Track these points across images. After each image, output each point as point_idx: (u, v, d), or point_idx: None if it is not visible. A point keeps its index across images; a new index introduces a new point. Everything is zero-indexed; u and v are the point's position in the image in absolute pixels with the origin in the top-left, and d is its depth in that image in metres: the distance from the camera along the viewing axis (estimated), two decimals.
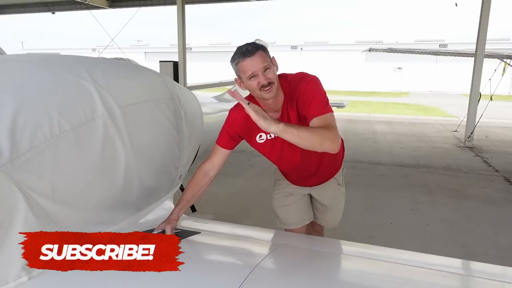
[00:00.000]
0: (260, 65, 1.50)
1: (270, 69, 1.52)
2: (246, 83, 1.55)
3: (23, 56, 1.61)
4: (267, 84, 1.51)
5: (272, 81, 1.53)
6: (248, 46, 1.52)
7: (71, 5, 13.06)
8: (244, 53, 1.50)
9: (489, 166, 6.21)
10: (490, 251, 3.20)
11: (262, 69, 1.50)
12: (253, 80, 1.52)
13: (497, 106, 11.74)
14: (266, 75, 1.51)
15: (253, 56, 1.50)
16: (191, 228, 1.64)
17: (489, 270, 1.40)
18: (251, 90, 1.57)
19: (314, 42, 35.55)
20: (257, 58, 1.50)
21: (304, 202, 2.12)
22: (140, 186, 1.63)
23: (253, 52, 1.50)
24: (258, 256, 1.43)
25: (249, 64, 1.50)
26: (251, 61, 1.50)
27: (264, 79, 1.51)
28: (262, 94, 1.54)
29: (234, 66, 1.56)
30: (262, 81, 1.51)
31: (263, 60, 1.51)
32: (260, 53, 1.51)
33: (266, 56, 1.53)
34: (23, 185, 1.11)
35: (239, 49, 1.53)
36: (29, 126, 1.18)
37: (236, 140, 1.73)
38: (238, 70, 1.55)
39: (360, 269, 1.39)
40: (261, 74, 1.50)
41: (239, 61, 1.52)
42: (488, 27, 7.56)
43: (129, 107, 1.57)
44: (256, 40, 7.91)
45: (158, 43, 42.20)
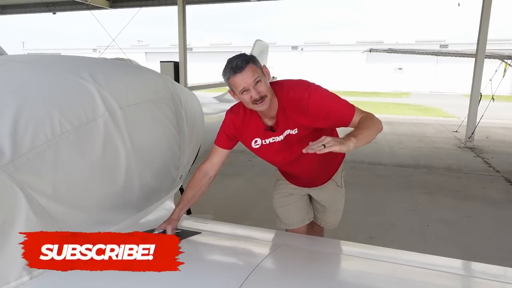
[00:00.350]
0: (251, 80, 1.50)
1: (261, 82, 1.52)
2: (239, 96, 1.57)
3: (25, 57, 1.61)
4: (259, 98, 1.52)
5: (264, 94, 1.53)
6: (238, 60, 1.51)
7: (72, 5, 13.08)
8: (234, 69, 1.50)
9: (490, 166, 6.21)
10: (491, 251, 3.20)
11: (253, 83, 1.50)
12: (246, 94, 1.53)
13: (498, 107, 11.72)
14: (258, 89, 1.51)
15: (242, 71, 1.50)
16: (192, 228, 1.64)
17: (490, 271, 1.40)
18: (245, 103, 1.59)
19: (315, 43, 35.54)
20: (247, 73, 1.50)
21: (304, 202, 2.13)
22: (141, 186, 1.63)
23: (242, 67, 1.50)
24: (258, 256, 1.43)
25: (239, 79, 1.50)
26: (241, 77, 1.50)
27: (256, 93, 1.52)
28: (255, 107, 1.56)
29: (226, 81, 1.57)
30: (254, 95, 1.52)
31: (253, 73, 1.50)
32: (250, 66, 1.51)
33: (256, 68, 1.53)
34: (24, 185, 1.11)
35: (229, 63, 1.53)
36: (30, 126, 1.19)
37: (233, 140, 1.75)
38: (230, 84, 1.56)
39: (360, 269, 1.39)
40: (252, 89, 1.51)
41: (230, 77, 1.52)
42: (489, 28, 7.56)
43: (130, 107, 1.57)
44: (257, 41, 7.84)
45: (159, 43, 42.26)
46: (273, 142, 1.70)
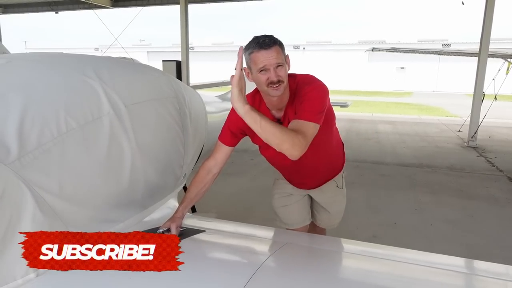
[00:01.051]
0: (274, 61, 1.45)
1: (282, 67, 1.48)
2: (255, 75, 1.50)
3: (30, 55, 1.62)
4: (276, 81, 1.47)
5: (282, 80, 1.48)
6: (266, 38, 1.46)
7: (74, 4, 13.09)
8: (261, 45, 1.45)
9: (493, 166, 6.19)
10: (494, 251, 3.19)
11: (275, 64, 1.46)
12: (263, 74, 1.47)
13: (501, 106, 11.69)
14: (277, 72, 1.47)
15: (269, 49, 1.45)
16: (196, 227, 1.64)
17: (492, 269, 1.40)
18: (258, 83, 1.52)
19: (317, 42, 35.50)
20: (272, 53, 1.45)
21: (305, 202, 2.11)
22: (145, 184, 1.63)
23: (270, 45, 1.45)
24: (263, 255, 1.43)
25: (263, 56, 1.45)
26: (265, 54, 1.45)
27: (275, 75, 1.46)
28: (269, 90, 1.50)
29: (246, 55, 1.49)
30: (272, 77, 1.46)
31: (278, 56, 1.46)
32: (277, 48, 1.47)
33: (281, 53, 1.48)
34: (30, 183, 1.12)
35: (256, 39, 1.48)
36: (36, 124, 1.19)
37: (238, 136, 1.70)
38: (250, 60, 1.49)
39: (365, 267, 1.39)
40: (272, 70, 1.46)
41: (253, 51, 1.46)
42: (492, 26, 7.54)
43: (134, 105, 1.57)
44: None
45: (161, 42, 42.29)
46: None
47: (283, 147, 1.38)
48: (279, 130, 1.37)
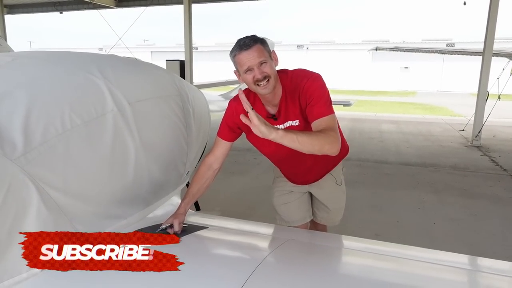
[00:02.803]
0: (256, 60, 1.48)
1: (266, 64, 1.51)
2: (243, 76, 1.55)
3: (35, 53, 1.64)
4: (262, 78, 1.50)
5: (268, 75, 1.51)
6: (246, 39, 1.50)
7: (78, 4, 13.17)
8: (241, 46, 1.49)
9: (497, 165, 6.16)
10: (498, 250, 3.18)
11: (258, 63, 1.49)
12: (249, 74, 1.51)
13: (505, 106, 11.62)
14: (262, 69, 1.50)
15: (249, 49, 1.48)
16: (199, 223, 1.65)
17: (496, 266, 1.39)
18: (247, 84, 1.57)
19: (320, 42, 35.46)
20: (253, 52, 1.48)
21: (305, 199, 2.11)
22: (149, 180, 1.65)
23: (249, 45, 1.48)
24: (264, 251, 1.44)
25: (244, 57, 1.49)
26: (247, 55, 1.48)
27: (259, 73, 1.49)
28: (257, 89, 1.54)
29: (232, 59, 1.55)
30: (257, 75, 1.50)
31: (259, 54, 1.49)
32: (257, 47, 1.49)
33: (263, 50, 1.51)
34: (36, 178, 1.13)
35: (238, 41, 1.52)
36: (41, 121, 1.21)
37: (236, 132, 1.72)
38: (236, 63, 1.54)
39: (366, 264, 1.39)
40: (256, 68, 1.49)
41: (235, 54, 1.51)
42: (496, 25, 7.50)
43: (138, 103, 1.59)
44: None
45: (165, 42, 42.38)
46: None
47: (325, 149, 1.42)
48: (315, 137, 1.41)
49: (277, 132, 1.31)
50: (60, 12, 14.06)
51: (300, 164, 1.88)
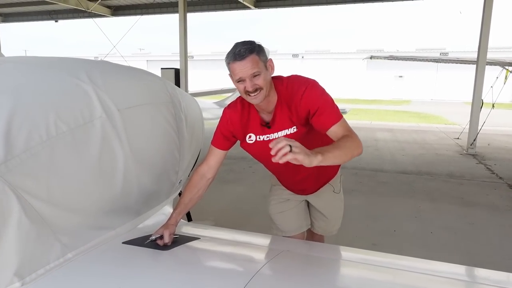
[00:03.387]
0: (248, 71, 1.46)
1: (259, 76, 1.48)
2: (235, 84, 1.54)
3: (22, 58, 1.59)
4: (252, 91, 1.49)
5: (260, 87, 1.49)
6: (242, 48, 1.46)
7: (74, 13, 13.18)
8: (235, 56, 1.46)
9: (493, 173, 6.16)
10: (496, 259, 3.14)
11: (250, 75, 1.47)
12: (241, 84, 1.50)
13: (499, 114, 11.71)
14: (254, 81, 1.48)
15: (243, 60, 1.45)
16: (191, 234, 1.60)
17: (493, 277, 1.37)
18: (239, 92, 1.55)
19: (315, 51, 35.74)
20: (247, 63, 1.45)
21: (301, 208, 2.06)
22: (139, 190, 1.60)
23: (244, 56, 1.45)
24: (258, 263, 1.39)
25: (237, 68, 1.47)
26: (240, 65, 1.46)
27: (250, 85, 1.48)
28: (247, 98, 1.53)
29: (226, 64, 1.53)
30: (248, 87, 1.49)
31: (253, 66, 1.46)
32: (252, 58, 1.46)
33: (258, 61, 1.48)
34: (17, 188, 1.08)
35: (234, 47, 1.49)
36: (24, 127, 1.16)
37: (230, 140, 1.70)
38: (229, 69, 1.53)
39: (363, 275, 1.35)
40: (248, 80, 1.47)
41: (229, 62, 1.49)
42: (489, 35, 7.57)
43: (128, 109, 1.54)
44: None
45: (160, 51, 42.49)
46: (268, 140, 1.64)
47: (355, 153, 1.46)
48: (345, 148, 1.42)
49: (318, 157, 1.28)
50: (55, 20, 14.06)
51: (297, 173, 1.84)
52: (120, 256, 1.37)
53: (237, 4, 10.91)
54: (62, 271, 1.19)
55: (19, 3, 12.56)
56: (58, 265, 1.20)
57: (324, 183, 1.99)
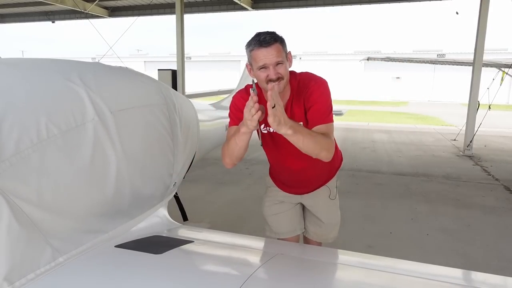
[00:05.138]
0: (274, 59, 1.47)
1: (282, 65, 1.50)
2: (255, 72, 1.53)
3: (13, 60, 1.57)
4: (275, 79, 1.49)
5: (282, 77, 1.51)
6: (267, 36, 1.47)
7: (70, 14, 13.13)
8: (261, 42, 1.47)
9: (489, 175, 6.17)
10: (492, 261, 3.14)
11: (274, 63, 1.48)
12: (263, 71, 1.50)
13: (495, 116, 11.75)
14: (277, 70, 1.49)
15: (268, 47, 1.46)
16: (184, 237, 1.59)
17: (490, 280, 1.37)
18: (259, 81, 1.55)
19: (313, 52, 35.78)
20: (272, 51, 1.47)
21: (296, 211, 2.04)
22: (132, 193, 1.58)
23: (270, 43, 1.46)
24: (252, 266, 1.38)
25: (262, 54, 1.47)
26: (265, 52, 1.46)
27: (274, 73, 1.48)
28: (268, 87, 1.49)
29: (247, 52, 1.52)
30: (271, 75, 1.48)
31: (278, 54, 1.48)
32: (277, 46, 1.48)
33: (282, 51, 1.50)
34: (6, 192, 1.07)
35: (257, 35, 1.49)
36: (15, 130, 1.14)
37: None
38: (251, 57, 1.52)
39: (358, 279, 1.34)
40: (272, 68, 1.48)
41: (253, 49, 1.48)
42: (485, 36, 7.59)
43: (121, 112, 1.53)
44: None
45: (158, 52, 42.45)
46: (275, 132, 1.62)
47: (321, 154, 1.51)
48: (317, 142, 1.46)
49: (285, 129, 1.35)
50: (52, 21, 14.01)
51: (295, 170, 1.83)
52: (113, 260, 1.35)
53: (235, 5, 10.91)
54: (53, 275, 1.17)
55: (15, 3, 12.51)
56: (49, 269, 1.18)
57: (321, 185, 1.97)
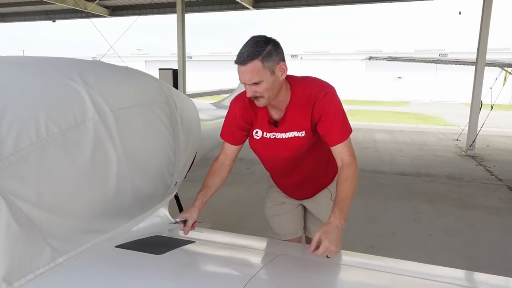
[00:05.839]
0: (248, 79, 1.42)
1: (260, 84, 1.42)
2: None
3: (13, 58, 1.56)
4: (252, 97, 1.48)
5: (260, 96, 1.46)
6: (246, 51, 1.39)
7: (71, 13, 13.13)
8: (239, 58, 1.41)
9: (492, 175, 6.14)
10: (496, 261, 3.12)
11: (250, 82, 1.43)
12: (245, 85, 1.48)
13: (498, 115, 11.71)
14: (253, 88, 1.44)
15: (244, 66, 1.41)
16: (186, 237, 1.57)
17: (493, 281, 1.35)
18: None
19: (314, 52, 35.75)
20: (247, 70, 1.40)
21: (298, 213, 2.02)
22: (133, 192, 1.56)
23: (245, 62, 1.39)
24: (254, 267, 1.36)
25: (240, 71, 1.43)
26: (242, 69, 1.42)
27: (250, 92, 1.45)
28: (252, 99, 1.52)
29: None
30: (248, 93, 1.47)
31: (252, 74, 1.40)
32: (253, 65, 1.38)
33: (260, 69, 1.40)
34: (5, 191, 1.05)
35: (243, 46, 1.44)
36: (14, 129, 1.12)
37: (239, 133, 1.69)
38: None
39: (361, 280, 1.33)
40: (248, 86, 1.45)
41: (235, 62, 1.46)
42: (488, 36, 7.56)
43: (121, 110, 1.51)
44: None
45: (159, 52, 42.46)
46: (275, 139, 1.62)
47: (356, 186, 1.54)
48: (351, 188, 1.52)
49: (341, 222, 1.42)
50: (52, 20, 14.02)
51: (293, 175, 1.81)
52: (113, 261, 1.34)
53: (236, 5, 10.89)
54: (53, 276, 1.16)
55: (16, 3, 12.52)
56: (49, 270, 1.16)
57: (321, 189, 1.95)
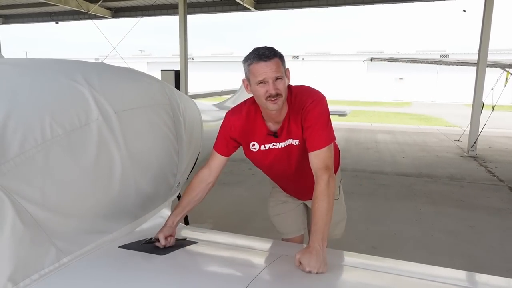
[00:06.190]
0: (273, 74, 1.43)
1: (281, 80, 1.45)
2: (253, 87, 1.48)
3: (17, 60, 1.58)
4: (274, 94, 1.44)
5: (281, 93, 1.46)
6: (266, 50, 1.44)
7: (74, 15, 13.18)
8: (260, 56, 1.42)
9: (494, 176, 6.13)
10: (497, 262, 3.12)
11: (274, 77, 1.43)
12: (262, 86, 1.45)
13: (500, 116, 11.68)
14: (276, 85, 1.44)
15: (268, 61, 1.42)
16: (189, 238, 1.58)
17: (495, 282, 1.36)
18: (257, 96, 1.50)
19: (316, 53, 35.74)
20: (272, 65, 1.42)
21: (300, 211, 2.05)
22: (136, 193, 1.58)
23: (269, 57, 1.42)
24: (256, 268, 1.37)
25: (262, 68, 1.42)
26: (265, 66, 1.42)
27: (273, 88, 1.43)
28: (267, 103, 1.47)
29: (245, 67, 1.48)
30: (270, 90, 1.44)
31: (277, 69, 1.43)
32: (276, 61, 1.44)
33: (281, 66, 1.46)
34: (11, 192, 1.07)
35: (256, 50, 1.45)
36: (19, 130, 1.14)
37: (232, 146, 1.66)
38: (249, 72, 1.47)
39: (362, 281, 1.34)
40: (271, 83, 1.43)
41: (252, 63, 1.44)
42: (490, 37, 7.55)
43: (125, 112, 1.53)
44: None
45: (161, 53, 42.49)
46: (273, 149, 1.62)
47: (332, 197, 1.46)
48: (329, 204, 1.43)
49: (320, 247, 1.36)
50: (56, 22, 14.07)
51: (295, 182, 1.83)
52: (117, 261, 1.35)
53: (237, 6, 10.91)
54: (57, 276, 1.17)
55: (19, 4, 12.58)
56: (53, 270, 1.18)
57: None
